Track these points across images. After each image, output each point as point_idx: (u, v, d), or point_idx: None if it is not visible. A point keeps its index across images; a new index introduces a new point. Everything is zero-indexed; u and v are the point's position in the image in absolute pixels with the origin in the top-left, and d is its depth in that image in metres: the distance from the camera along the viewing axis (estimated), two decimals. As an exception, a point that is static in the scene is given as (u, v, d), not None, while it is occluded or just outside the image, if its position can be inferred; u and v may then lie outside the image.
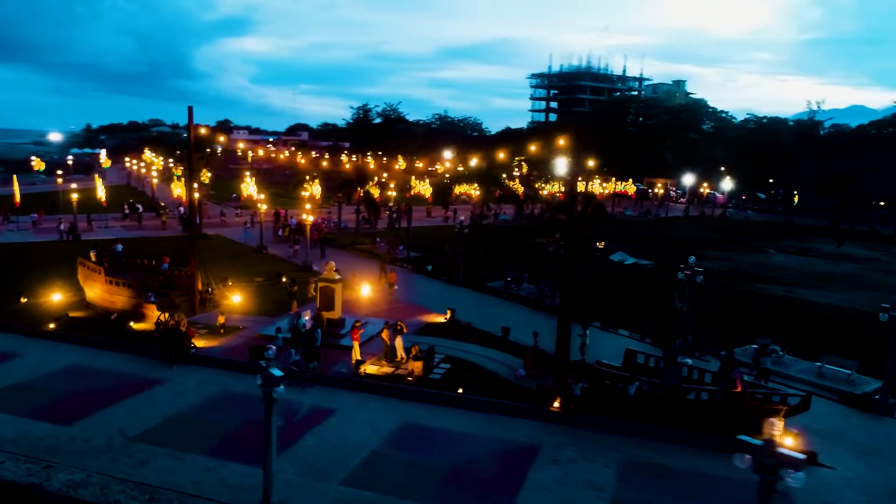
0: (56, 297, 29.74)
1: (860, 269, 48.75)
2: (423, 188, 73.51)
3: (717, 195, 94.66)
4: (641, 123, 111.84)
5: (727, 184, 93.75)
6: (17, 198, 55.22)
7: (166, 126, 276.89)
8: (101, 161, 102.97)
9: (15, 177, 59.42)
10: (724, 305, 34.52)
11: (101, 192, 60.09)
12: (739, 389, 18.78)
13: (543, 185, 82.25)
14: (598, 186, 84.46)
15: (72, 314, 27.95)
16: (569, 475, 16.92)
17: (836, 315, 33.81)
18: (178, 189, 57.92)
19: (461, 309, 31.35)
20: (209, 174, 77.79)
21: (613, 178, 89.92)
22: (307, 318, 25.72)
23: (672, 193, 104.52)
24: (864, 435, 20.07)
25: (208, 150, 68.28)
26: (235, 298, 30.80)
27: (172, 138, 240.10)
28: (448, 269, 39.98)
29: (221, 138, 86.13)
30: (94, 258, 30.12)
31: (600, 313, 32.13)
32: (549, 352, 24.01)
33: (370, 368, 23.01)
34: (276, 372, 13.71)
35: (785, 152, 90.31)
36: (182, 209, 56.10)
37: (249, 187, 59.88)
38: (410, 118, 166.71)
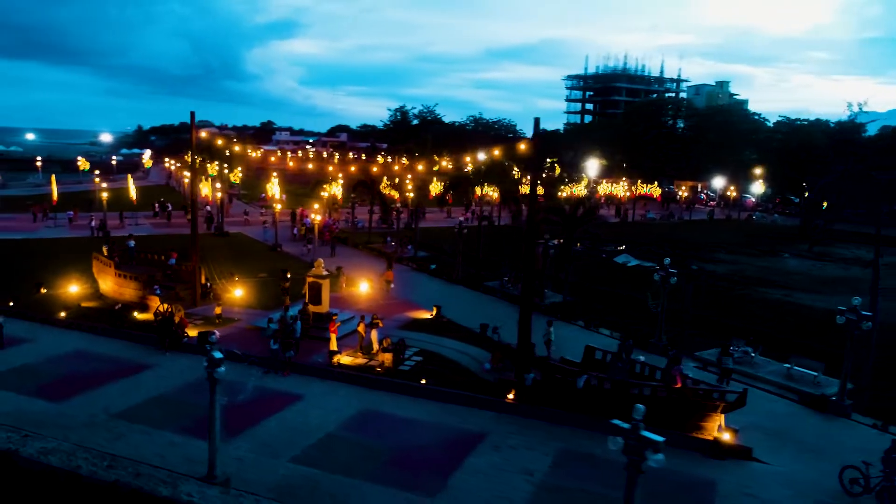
0: (73, 288, 32.03)
1: (869, 273, 48.05)
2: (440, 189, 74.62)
3: (747, 199, 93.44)
4: (672, 126, 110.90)
5: (758, 187, 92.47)
6: (55, 196, 58.67)
7: (214, 127, 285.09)
8: (144, 161, 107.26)
9: (53, 176, 63.10)
10: (715, 308, 34.95)
11: (132, 191, 63.24)
12: (679, 385, 19.53)
13: (571, 187, 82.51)
14: (620, 188, 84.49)
15: (84, 304, 30.19)
16: (506, 461, 18.02)
17: (824, 319, 33.84)
18: (205, 189, 60.54)
19: (453, 307, 32.57)
20: (240, 174, 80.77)
21: (639, 181, 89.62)
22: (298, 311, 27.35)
23: (703, 196, 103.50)
24: (811, 434, 20.53)
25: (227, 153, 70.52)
26: (237, 293, 32.69)
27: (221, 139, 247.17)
28: (449, 269, 41.20)
29: (237, 147, 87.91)
30: (105, 253, 32.37)
31: (588, 313, 32.99)
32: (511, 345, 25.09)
33: (345, 359, 24.44)
34: (218, 354, 15.13)
35: (819, 156, 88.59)
36: (208, 208, 58.64)
37: (273, 187, 62.15)
38: (454, 119, 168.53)
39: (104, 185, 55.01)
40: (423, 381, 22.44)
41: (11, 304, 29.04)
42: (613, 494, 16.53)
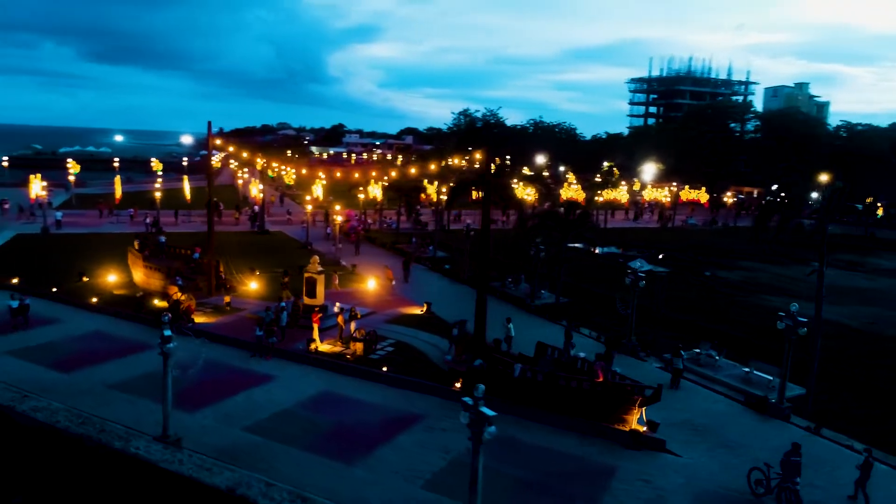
0: (111, 277, 35.98)
1: (891, 284, 47.12)
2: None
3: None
4: (731, 130, 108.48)
5: (817, 194, 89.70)
6: (119, 195, 64.28)
7: (292, 129, 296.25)
8: (213, 162, 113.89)
9: (118, 177, 68.93)
10: (704, 312, 35.55)
11: (187, 191, 68.28)
12: (601, 379, 20.95)
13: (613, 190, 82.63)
14: (663, 193, 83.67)
15: (116, 292, 33.99)
16: (431, 440, 20.04)
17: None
18: (254, 189, 64.76)
19: (448, 304, 34.63)
20: (293, 175, 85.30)
21: (686, 186, 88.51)
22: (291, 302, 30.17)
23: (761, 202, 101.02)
24: (737, 433, 21.47)
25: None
26: (252, 285, 35.89)
27: (295, 141, 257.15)
28: (460, 269, 43.20)
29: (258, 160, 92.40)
30: (137, 246, 36.23)
31: (577, 314, 34.31)
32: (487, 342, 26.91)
33: (324, 347, 26.97)
34: (167, 332, 17.86)
35: (881, 161, 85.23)
36: (256, 207, 62.75)
37: (317, 189, 65.81)
38: (516, 122, 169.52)
39: (157, 185, 59.92)
40: (385, 369, 24.65)
41: (54, 289, 33.16)
42: (519, 474, 18.40)
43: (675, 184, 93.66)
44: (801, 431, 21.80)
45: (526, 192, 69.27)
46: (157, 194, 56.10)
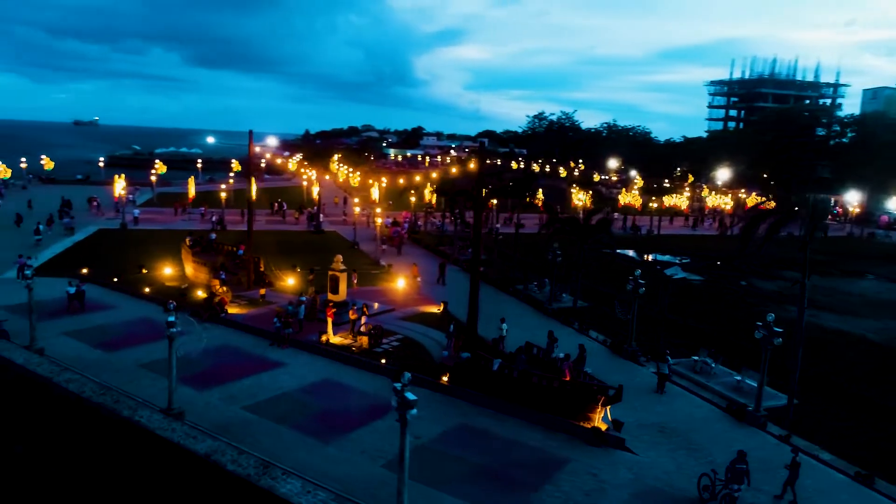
0: (167, 270, 39.79)
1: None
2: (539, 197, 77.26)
3: (883, 216, 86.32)
4: (811, 134, 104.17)
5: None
6: (192, 194, 69.45)
7: (375, 131, 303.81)
8: (290, 164, 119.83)
9: (192, 178, 74.35)
10: (720, 321, 35.66)
11: (253, 191, 72.58)
12: (568, 378, 22.18)
13: (674, 196, 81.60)
14: (724, 200, 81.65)
15: (168, 283, 37.65)
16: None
17: (824, 340, 33.66)
18: (316, 189, 68.34)
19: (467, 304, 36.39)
20: (358, 177, 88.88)
21: (753, 193, 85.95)
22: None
23: (838, 211, 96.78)
24: (705, 437, 22.19)
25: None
26: (290, 281, 38.81)
27: (377, 143, 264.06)
28: (494, 271, 44.76)
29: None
30: (188, 243, 39.87)
31: (592, 318, 35.29)
32: (486, 340, 28.53)
33: (336, 339, 29.30)
34: (171, 318, 20.56)
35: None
36: (316, 208, 66.33)
37: (374, 191, 68.78)
38: (591, 126, 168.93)
39: (223, 185, 64.50)
40: (383, 361, 26.70)
41: (115, 279, 37.17)
42: (480, 461, 20.02)
43: (743, 191, 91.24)
44: (772, 440, 22.33)
45: (578, 197, 69.70)
46: (223, 194, 60.49)
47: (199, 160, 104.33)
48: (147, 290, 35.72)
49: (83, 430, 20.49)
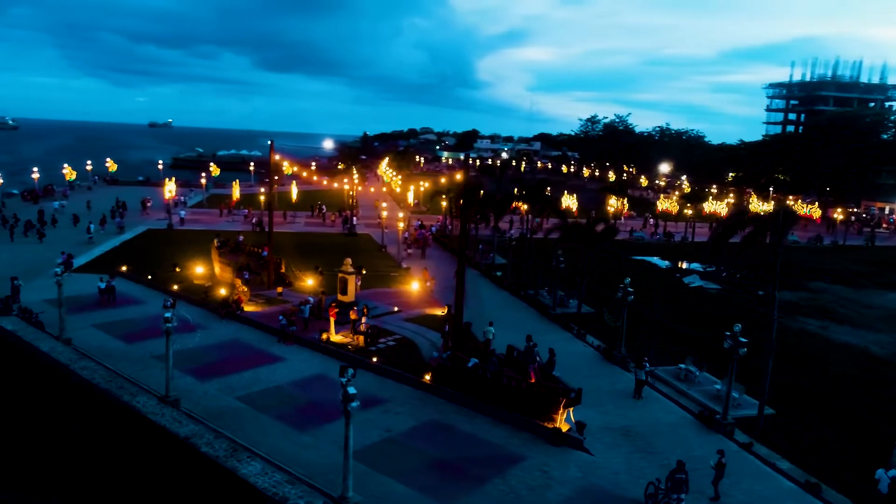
0: (199, 269, 42.61)
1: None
2: (572, 202, 77.63)
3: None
4: (868, 139, 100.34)
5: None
6: (236, 196, 73.04)
7: (433, 133, 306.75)
8: (339, 167, 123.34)
9: (237, 181, 78.07)
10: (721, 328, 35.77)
11: (294, 194, 75.80)
12: (533, 380, 23.31)
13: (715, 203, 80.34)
14: (761, 207, 79.70)
15: (196, 281, 40.41)
16: (380, 420, 23.48)
17: (824, 352, 33.49)
18: (349, 193, 70.75)
19: (477, 306, 37.73)
20: (399, 181, 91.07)
21: (798, 200, 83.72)
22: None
23: (894, 219, 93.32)
24: (667, 442, 22.89)
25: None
26: (309, 282, 41.01)
27: (432, 145, 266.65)
28: (509, 276, 45.91)
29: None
30: (216, 244, 42.60)
31: (593, 324, 36.04)
32: (479, 341, 29.87)
33: (336, 337, 31.19)
34: (168, 314, 22.77)
35: None
36: (349, 211, 68.74)
37: (409, 196, 70.76)
38: (644, 129, 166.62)
39: (261, 188, 67.69)
40: (374, 360, 28.39)
41: (150, 276, 40.16)
42: (439, 454, 21.43)
43: (791, 197, 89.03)
44: (734, 447, 22.82)
45: (610, 203, 69.81)
46: (262, 197, 63.62)
47: (252, 163, 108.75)
48: (176, 287, 38.48)
49: (89, 412, 23.00)
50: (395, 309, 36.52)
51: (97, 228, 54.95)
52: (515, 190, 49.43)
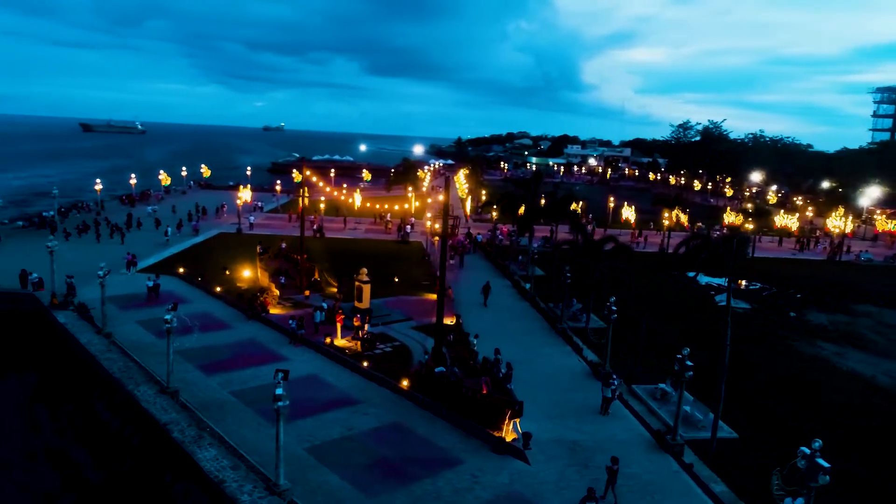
0: (246, 273, 46.79)
1: None
2: (630, 213, 76.83)
3: None
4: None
5: None
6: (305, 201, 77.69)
7: (528, 138, 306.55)
8: (419, 174, 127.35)
9: (305, 187, 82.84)
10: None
11: (356, 200, 79.69)
12: (485, 391, 24.94)
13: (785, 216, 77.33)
14: (842, 221, 75.23)
15: (238, 284, 44.48)
16: (347, 419, 25.90)
17: (825, 379, 32.65)
18: (415, 202, 73.85)
19: (488, 318, 39.65)
20: (466, 188, 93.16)
21: (884, 215, 78.51)
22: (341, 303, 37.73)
23: None
24: (608, 457, 23.75)
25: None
26: (334, 288, 44.12)
27: (525, 150, 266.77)
28: (533, 287, 47.19)
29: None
30: (259, 250, 46.58)
31: (593, 338, 36.91)
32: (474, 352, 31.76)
33: (341, 342, 33.95)
34: (167, 316, 26.19)
35: None
36: (402, 219, 71.72)
37: (468, 205, 72.89)
38: (746, 136, 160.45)
39: (335, 193, 72.03)
40: (365, 364, 30.87)
41: (199, 278, 44.64)
42: (385, 454, 23.57)
43: (880, 211, 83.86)
44: (674, 467, 23.58)
45: (669, 216, 68.83)
46: (322, 205, 67.88)
47: (333, 169, 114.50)
48: (218, 288, 42.66)
49: (108, 397, 26.91)
50: (407, 317, 38.85)
51: (173, 231, 60.80)
52: (543, 202, 50.32)
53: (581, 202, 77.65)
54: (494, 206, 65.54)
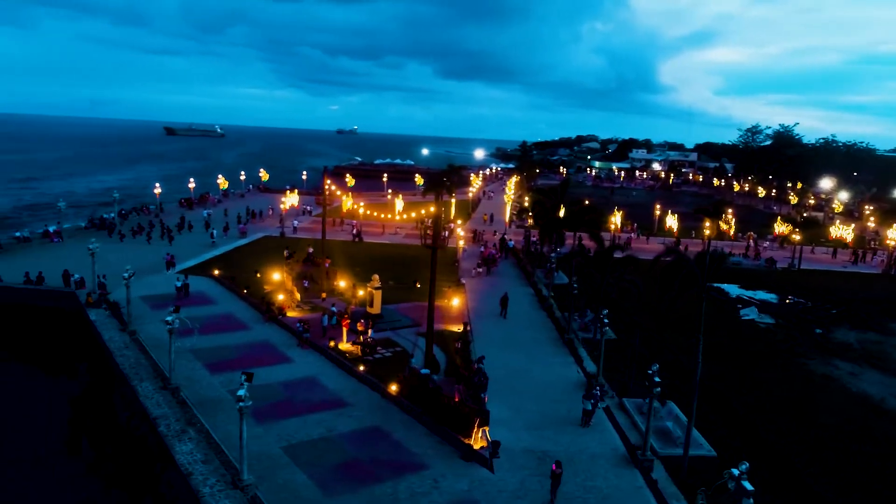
0: (276, 276, 48.89)
1: None
2: (673, 221, 75.18)
3: None
4: None
5: None
6: (346, 207, 79.97)
7: (596, 142, 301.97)
8: (471, 178, 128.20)
9: (349, 193, 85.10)
10: (737, 371, 34.96)
11: (398, 206, 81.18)
12: (457, 399, 25.64)
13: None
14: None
15: (266, 287, 46.57)
16: (330, 420, 27.11)
17: (826, 399, 31.55)
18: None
19: (501, 326, 40.31)
20: (512, 194, 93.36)
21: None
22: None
23: None
24: (574, 468, 24.09)
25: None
26: (360, 292, 45.62)
27: (590, 154, 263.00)
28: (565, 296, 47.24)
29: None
30: (285, 255, 48.59)
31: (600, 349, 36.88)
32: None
33: (345, 346, 35.29)
34: (168, 318, 28.10)
35: None
36: (452, 225, 72.70)
37: (507, 211, 73.30)
38: (817, 140, 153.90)
39: (348, 199, 73.92)
40: (361, 368, 32.07)
41: (231, 279, 47.03)
42: (357, 454, 24.67)
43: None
44: (640, 483, 23.66)
45: (711, 224, 67.05)
46: (361, 210, 69.76)
47: (385, 174, 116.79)
48: (245, 290, 44.87)
49: (111, 390, 29.16)
50: (414, 322, 39.87)
51: (219, 234, 63.96)
52: (561, 212, 50.29)
53: (622, 210, 76.90)
54: (530, 213, 65.72)
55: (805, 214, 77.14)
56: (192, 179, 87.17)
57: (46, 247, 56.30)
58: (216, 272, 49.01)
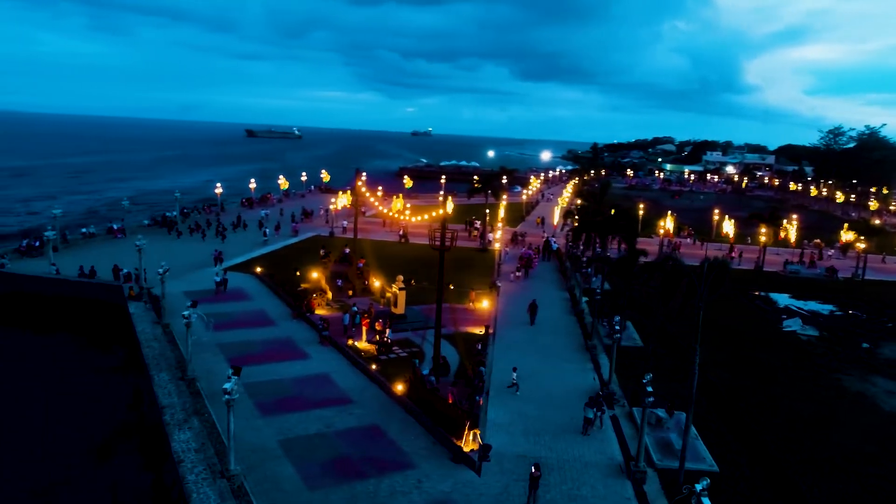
0: (314, 274, 50.24)
1: None
2: (730, 227, 72.17)
3: None
4: None
5: None
6: (396, 209, 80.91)
7: (672, 144, 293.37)
8: (530, 179, 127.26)
9: (400, 195, 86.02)
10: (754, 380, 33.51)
11: (449, 207, 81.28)
12: (451, 401, 25.71)
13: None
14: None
15: (303, 285, 47.91)
16: (331, 417, 27.73)
17: (850, 418, 29.71)
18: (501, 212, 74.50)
19: (526, 330, 40.15)
20: (567, 198, 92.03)
21: None
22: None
23: None
24: (562, 477, 23.82)
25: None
26: (388, 293, 46.26)
27: (670, 155, 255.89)
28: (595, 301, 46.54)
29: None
30: (321, 254, 49.78)
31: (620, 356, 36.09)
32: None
33: (363, 345, 35.95)
34: (186, 312, 29.44)
35: None
36: (478, 225, 72.59)
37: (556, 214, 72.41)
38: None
39: (402, 202, 74.58)
40: (374, 367, 32.61)
41: (271, 276, 48.64)
42: (348, 452, 25.20)
43: None
44: (629, 494, 23.10)
45: (767, 230, 64.23)
46: (408, 211, 70.62)
47: (444, 176, 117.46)
48: (283, 288, 46.32)
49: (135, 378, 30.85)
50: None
51: (271, 233, 66.19)
52: (599, 218, 49.31)
53: (673, 214, 74.71)
54: (575, 217, 64.77)
55: (877, 221, 72.68)
56: (252, 180, 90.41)
57: (108, 242, 59.85)
58: (258, 269, 50.77)
